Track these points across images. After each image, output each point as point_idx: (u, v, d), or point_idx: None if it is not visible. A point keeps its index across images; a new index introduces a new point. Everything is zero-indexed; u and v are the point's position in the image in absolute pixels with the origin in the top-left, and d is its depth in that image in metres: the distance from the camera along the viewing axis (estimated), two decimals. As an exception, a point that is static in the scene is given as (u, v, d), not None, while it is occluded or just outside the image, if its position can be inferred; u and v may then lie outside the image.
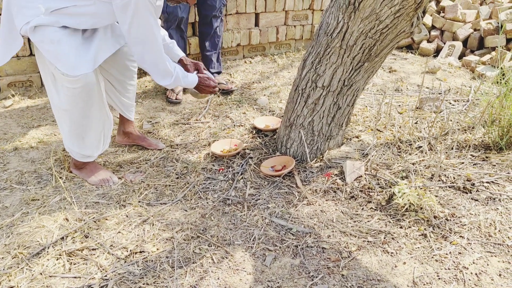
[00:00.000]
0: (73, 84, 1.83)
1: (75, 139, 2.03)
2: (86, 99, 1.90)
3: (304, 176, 2.19)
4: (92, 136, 2.05)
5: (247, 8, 3.96)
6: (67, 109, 1.93)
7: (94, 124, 2.02)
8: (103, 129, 2.10)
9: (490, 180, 2.08)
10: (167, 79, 2.04)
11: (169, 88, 2.10)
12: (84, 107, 1.93)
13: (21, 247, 1.69)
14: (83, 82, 1.83)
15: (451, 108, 2.99)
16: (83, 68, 1.82)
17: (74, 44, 1.84)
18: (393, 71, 3.87)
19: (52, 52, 1.80)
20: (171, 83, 2.06)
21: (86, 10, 1.84)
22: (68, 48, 1.81)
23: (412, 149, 2.37)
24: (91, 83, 1.86)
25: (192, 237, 1.77)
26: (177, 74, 2.06)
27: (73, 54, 1.82)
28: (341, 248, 1.71)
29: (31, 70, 3.19)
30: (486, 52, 4.13)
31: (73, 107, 1.91)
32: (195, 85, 2.20)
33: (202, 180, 2.18)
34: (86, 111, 1.95)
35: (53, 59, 1.81)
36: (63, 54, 1.80)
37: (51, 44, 1.80)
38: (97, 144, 2.10)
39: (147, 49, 1.92)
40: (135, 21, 1.81)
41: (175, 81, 2.07)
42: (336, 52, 2.08)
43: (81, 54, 1.84)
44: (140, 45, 1.90)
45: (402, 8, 1.87)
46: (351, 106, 2.32)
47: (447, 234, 1.77)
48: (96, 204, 1.98)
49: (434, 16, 4.63)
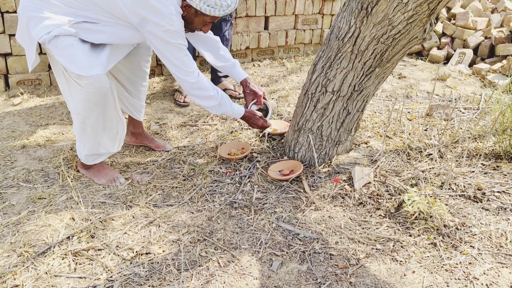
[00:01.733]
0: (86, 87, 1.85)
1: (89, 142, 2.03)
2: (100, 102, 1.91)
3: (312, 181, 2.17)
4: (106, 139, 2.05)
5: (257, 11, 3.96)
6: (85, 115, 1.94)
7: (109, 127, 2.03)
8: (117, 133, 2.10)
9: (501, 190, 2.05)
10: (211, 102, 2.07)
11: (213, 112, 2.17)
12: (99, 112, 1.94)
13: (27, 246, 1.68)
14: (96, 84, 1.85)
15: (462, 116, 2.96)
16: (95, 69, 1.84)
17: (86, 48, 1.88)
18: (402, 78, 3.84)
19: (65, 56, 1.83)
20: (216, 107, 2.09)
21: (106, 28, 1.90)
22: (81, 51, 1.84)
23: (422, 157, 2.35)
24: (104, 86, 1.87)
25: (199, 240, 1.76)
26: (221, 98, 2.08)
27: (86, 56, 1.85)
28: (349, 255, 1.69)
29: (40, 69, 3.20)
30: (497, 60, 4.09)
31: (87, 110, 1.92)
32: (241, 117, 2.22)
33: (209, 182, 2.17)
34: (100, 116, 1.95)
35: (66, 62, 1.83)
36: (76, 56, 1.83)
37: (64, 49, 1.83)
38: (112, 145, 2.11)
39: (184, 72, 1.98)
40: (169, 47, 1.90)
41: (220, 106, 2.09)
42: (347, 57, 2.07)
43: (93, 56, 1.88)
44: (178, 71, 1.97)
45: (416, 14, 1.85)
46: (360, 112, 2.30)
47: (457, 243, 1.74)
48: (103, 204, 1.97)
49: (444, 23, 4.60)
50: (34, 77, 3.18)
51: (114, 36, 1.93)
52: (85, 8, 1.86)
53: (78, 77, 1.83)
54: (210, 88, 2.05)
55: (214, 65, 2.34)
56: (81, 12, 1.86)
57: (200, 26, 2.00)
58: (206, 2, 1.84)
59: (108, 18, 1.89)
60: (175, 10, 1.84)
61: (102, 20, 1.89)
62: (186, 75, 1.98)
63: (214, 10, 1.86)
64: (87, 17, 1.87)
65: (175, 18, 1.84)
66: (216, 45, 2.30)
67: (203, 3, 1.84)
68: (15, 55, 3.08)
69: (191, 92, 2.04)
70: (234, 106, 2.16)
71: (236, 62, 2.34)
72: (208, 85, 2.05)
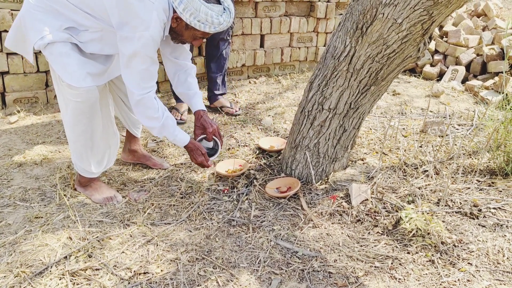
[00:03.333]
0: (76, 97, 1.86)
1: (79, 154, 2.03)
2: (89, 114, 1.92)
3: (309, 198, 2.18)
4: (96, 152, 2.05)
5: (252, 30, 4.01)
6: (72, 123, 1.95)
7: (99, 140, 2.03)
8: (109, 147, 2.10)
9: (496, 206, 2.07)
10: (153, 122, 1.97)
11: (154, 134, 2.06)
12: (87, 123, 1.94)
13: (24, 266, 1.67)
14: (85, 96, 1.85)
15: (456, 133, 2.99)
16: (86, 81, 1.85)
17: (82, 59, 1.88)
18: (397, 94, 3.89)
19: (59, 64, 1.84)
20: (157, 129, 1.99)
21: (94, 35, 1.90)
22: (75, 61, 1.85)
23: (418, 173, 2.36)
24: (93, 98, 1.88)
25: (197, 258, 1.75)
26: (166, 122, 1.99)
27: (79, 67, 1.85)
28: (348, 273, 1.69)
29: (37, 87, 3.21)
30: (489, 77, 4.16)
31: (77, 122, 1.93)
32: (184, 147, 2.12)
33: (206, 200, 2.17)
34: (88, 127, 1.96)
35: (60, 70, 1.85)
36: (70, 65, 1.84)
37: (58, 57, 1.84)
38: (100, 160, 2.10)
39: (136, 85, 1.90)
40: (132, 56, 1.83)
41: (162, 129, 2.00)
42: (343, 75, 2.10)
43: (87, 68, 1.87)
44: (131, 81, 1.89)
45: (410, 34, 1.89)
46: (356, 129, 2.32)
47: (455, 260, 1.75)
48: (100, 223, 1.96)
49: (437, 40, 4.68)
50: (31, 95, 3.19)
51: (103, 43, 1.92)
52: (74, 10, 1.83)
53: (69, 87, 1.84)
54: (156, 108, 1.95)
55: (176, 90, 2.24)
56: (71, 15, 1.84)
57: (190, 39, 1.94)
58: (197, 17, 1.78)
59: (95, 24, 1.86)
60: (157, 16, 1.78)
61: (90, 26, 1.87)
62: (136, 87, 1.89)
63: (205, 26, 1.81)
64: (77, 22, 1.86)
65: (152, 24, 1.78)
66: (188, 72, 2.20)
67: (193, 18, 1.78)
68: (12, 73, 3.09)
69: (135, 107, 1.95)
70: (178, 133, 2.05)
71: (198, 94, 2.23)
72: (155, 105, 1.94)
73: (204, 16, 1.78)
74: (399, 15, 1.83)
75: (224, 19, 1.83)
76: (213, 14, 1.79)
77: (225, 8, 1.83)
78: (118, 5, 1.77)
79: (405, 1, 1.80)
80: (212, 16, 1.79)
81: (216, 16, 1.80)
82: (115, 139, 2.11)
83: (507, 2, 6.16)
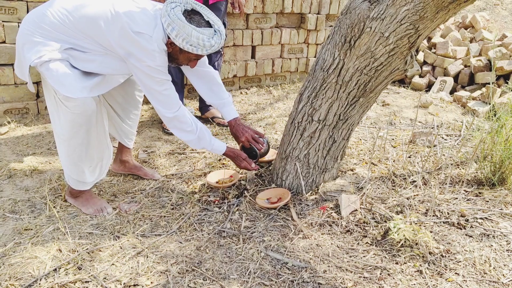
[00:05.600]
0: (73, 109, 1.87)
1: (73, 165, 2.03)
2: (85, 126, 1.93)
3: (299, 208, 2.20)
4: (89, 164, 2.06)
5: (244, 41, 4.05)
6: (67, 135, 1.96)
7: (93, 152, 2.04)
8: (102, 159, 2.11)
9: (483, 216, 2.10)
10: (189, 136, 2.10)
11: (192, 147, 2.21)
12: (83, 135, 1.95)
13: (13, 279, 1.66)
14: (82, 107, 1.87)
15: (444, 143, 3.04)
16: (83, 92, 1.87)
17: (77, 72, 1.92)
18: (386, 105, 3.94)
19: (56, 78, 1.86)
20: (194, 142, 2.12)
21: (95, 57, 1.94)
22: (71, 75, 1.88)
23: (406, 183, 2.39)
24: (90, 108, 1.90)
25: (187, 270, 1.76)
26: (201, 134, 2.11)
27: (76, 79, 1.88)
28: (337, 284, 1.70)
29: (28, 98, 3.21)
30: (476, 88, 4.23)
31: (73, 133, 1.94)
32: (224, 154, 2.25)
33: (197, 211, 2.18)
34: (85, 139, 1.97)
35: (56, 83, 1.86)
36: (66, 79, 1.86)
37: (55, 71, 1.86)
38: (92, 171, 2.11)
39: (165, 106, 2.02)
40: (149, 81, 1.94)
41: (199, 141, 2.12)
42: (332, 87, 2.13)
43: (83, 80, 1.91)
44: (159, 104, 2.02)
45: (397, 47, 1.93)
46: (346, 140, 2.35)
47: (442, 270, 1.77)
48: (90, 235, 1.96)
49: (425, 52, 4.75)
50: (21, 106, 3.18)
51: (102, 65, 1.96)
52: (76, 36, 1.89)
53: (66, 99, 1.86)
54: (190, 122, 2.08)
55: (207, 100, 2.36)
56: (72, 40, 1.89)
57: (185, 62, 2.03)
58: (189, 42, 1.84)
59: (97, 48, 1.92)
60: (158, 47, 1.87)
61: (92, 49, 1.92)
62: (166, 107, 2.02)
63: (197, 49, 1.87)
64: (78, 45, 1.91)
65: (157, 55, 1.88)
66: (212, 81, 2.30)
67: (185, 43, 1.85)
68: (3, 84, 3.09)
69: (169, 124, 2.08)
70: (214, 142, 2.18)
71: (228, 100, 2.33)
72: (187, 119, 2.07)
73: (196, 40, 1.84)
74: (386, 29, 1.88)
75: (215, 41, 1.90)
76: (204, 38, 1.86)
77: (216, 31, 1.90)
78: (121, 38, 1.86)
79: (391, 16, 1.84)
80: (203, 40, 1.85)
81: (208, 39, 1.87)
82: (107, 152, 2.12)
83: (494, 14, 6.28)
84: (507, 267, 1.80)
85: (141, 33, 1.84)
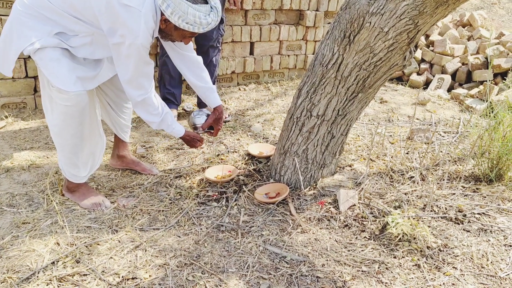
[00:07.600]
0: (65, 101, 1.86)
1: (67, 158, 2.03)
2: (78, 118, 1.92)
3: (298, 203, 2.20)
4: (83, 156, 2.05)
5: (242, 37, 4.04)
6: (60, 127, 1.95)
7: (86, 144, 2.03)
8: (95, 150, 2.10)
9: (481, 212, 2.11)
10: (153, 118, 2.08)
11: (153, 128, 2.21)
12: (76, 127, 1.95)
13: (11, 272, 1.65)
14: (75, 100, 1.86)
15: (442, 140, 3.04)
16: (77, 85, 1.86)
17: (72, 64, 1.89)
18: (384, 102, 3.95)
19: (50, 69, 1.84)
20: (156, 124, 2.10)
21: (85, 40, 1.91)
22: (65, 66, 1.86)
23: (404, 179, 2.40)
24: (83, 102, 1.89)
25: (186, 264, 1.76)
26: (165, 117, 2.10)
27: (69, 71, 1.86)
28: (336, 277, 1.70)
29: (25, 92, 3.19)
30: (474, 86, 4.24)
31: (66, 126, 1.93)
32: (180, 138, 2.26)
33: (195, 206, 2.17)
34: (78, 131, 1.96)
35: (50, 75, 1.85)
36: (60, 70, 1.84)
37: (48, 62, 1.84)
38: (85, 163, 2.10)
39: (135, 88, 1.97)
40: (126, 61, 1.88)
41: (161, 123, 2.11)
42: (331, 82, 2.13)
43: (77, 73, 1.89)
44: (129, 85, 1.95)
45: (396, 43, 1.93)
46: (344, 135, 2.35)
47: (440, 265, 1.78)
48: (88, 229, 1.96)
49: (423, 49, 4.76)
50: (19, 100, 3.17)
51: (92, 46, 1.93)
52: (64, 16, 1.84)
53: (59, 91, 1.84)
54: (157, 106, 2.06)
55: (193, 84, 2.32)
56: (61, 20, 1.85)
57: (179, 38, 2.00)
58: (185, 20, 1.80)
59: (85, 28, 1.88)
60: (145, 25, 1.81)
61: (80, 30, 1.88)
62: (138, 89, 1.97)
63: (194, 27, 1.84)
64: (66, 27, 1.87)
65: (141, 34, 1.81)
66: (198, 66, 2.29)
67: (181, 21, 1.81)
68: (1, 78, 3.07)
69: (136, 107, 2.05)
70: (175, 126, 2.18)
71: (213, 87, 2.35)
72: (155, 103, 2.05)
73: (192, 18, 1.81)
74: (386, 24, 1.88)
75: (212, 18, 1.86)
76: (201, 15, 1.82)
77: (212, 7, 1.86)
78: (107, 11, 1.79)
79: (391, 11, 1.84)
80: (200, 17, 1.82)
81: (204, 16, 1.83)
82: (101, 142, 2.12)
83: (492, 13, 6.30)
84: (504, 261, 1.81)
85: (129, 6, 1.76)
